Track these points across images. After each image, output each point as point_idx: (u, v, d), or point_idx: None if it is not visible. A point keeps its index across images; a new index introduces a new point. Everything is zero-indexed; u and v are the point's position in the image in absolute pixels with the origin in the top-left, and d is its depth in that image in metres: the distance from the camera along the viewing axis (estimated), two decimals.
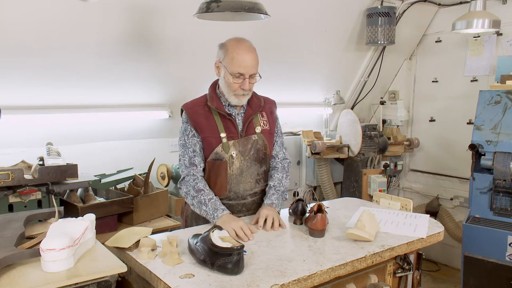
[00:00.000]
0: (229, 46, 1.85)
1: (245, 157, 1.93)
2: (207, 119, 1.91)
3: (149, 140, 3.02)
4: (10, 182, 1.95)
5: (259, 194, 2.03)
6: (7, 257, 1.22)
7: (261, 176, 2.00)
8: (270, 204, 1.91)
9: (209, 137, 1.90)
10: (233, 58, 1.81)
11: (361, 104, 4.15)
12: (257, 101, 2.00)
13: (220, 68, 1.90)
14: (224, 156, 1.90)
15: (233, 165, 1.91)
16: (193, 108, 1.95)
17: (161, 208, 2.71)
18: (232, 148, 1.90)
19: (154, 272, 1.36)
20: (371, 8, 3.43)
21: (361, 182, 3.63)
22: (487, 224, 2.69)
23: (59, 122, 2.60)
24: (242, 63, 1.81)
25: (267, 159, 2.01)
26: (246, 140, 1.93)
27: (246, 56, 1.82)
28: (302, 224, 1.85)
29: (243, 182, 1.95)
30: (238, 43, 1.85)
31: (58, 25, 2.28)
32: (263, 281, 1.30)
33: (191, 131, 1.92)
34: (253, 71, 1.85)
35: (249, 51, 1.84)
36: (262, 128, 1.98)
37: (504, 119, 2.72)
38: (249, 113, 1.96)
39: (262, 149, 1.97)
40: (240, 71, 1.81)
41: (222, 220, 1.75)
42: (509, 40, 3.42)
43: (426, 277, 3.71)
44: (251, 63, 1.83)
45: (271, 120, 2.04)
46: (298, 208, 1.86)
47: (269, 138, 2.01)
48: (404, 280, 1.80)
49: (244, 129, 1.94)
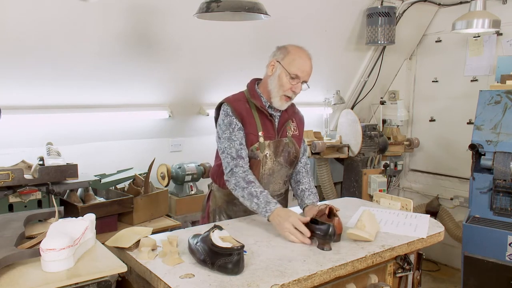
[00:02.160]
0: (290, 49, 1.91)
1: (277, 158, 1.97)
2: (248, 116, 1.93)
3: (149, 140, 3.02)
4: (10, 182, 1.94)
5: (283, 195, 2.12)
6: (7, 257, 1.22)
7: (288, 178, 2.08)
8: (312, 204, 1.94)
9: (250, 134, 1.92)
10: (294, 60, 1.87)
11: (361, 104, 4.15)
12: (292, 107, 2.06)
13: (275, 67, 1.91)
14: (258, 155, 1.93)
15: (266, 164, 1.95)
16: (236, 102, 1.95)
17: (161, 208, 2.71)
18: (267, 148, 1.94)
19: (154, 272, 1.36)
20: (371, 8, 3.43)
21: (361, 182, 3.63)
22: (487, 224, 2.69)
23: (59, 122, 2.60)
24: (302, 66, 1.88)
25: (295, 163, 2.07)
26: (279, 142, 1.98)
27: (306, 61, 1.90)
28: (331, 249, 1.54)
29: (273, 182, 2.00)
30: (300, 48, 1.93)
31: (58, 25, 2.28)
32: (263, 281, 1.30)
33: (236, 124, 1.90)
34: (307, 78, 1.92)
35: (309, 59, 1.92)
36: (293, 133, 2.04)
37: (504, 119, 2.72)
38: (285, 117, 2.02)
39: (293, 152, 2.02)
40: (298, 73, 1.87)
41: (276, 214, 1.69)
42: (509, 40, 3.42)
43: (426, 277, 3.71)
44: (309, 69, 1.91)
45: (300, 127, 2.11)
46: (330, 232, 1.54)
47: (298, 143, 2.07)
48: (404, 280, 1.80)
49: (280, 131, 1.99)
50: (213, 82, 3.09)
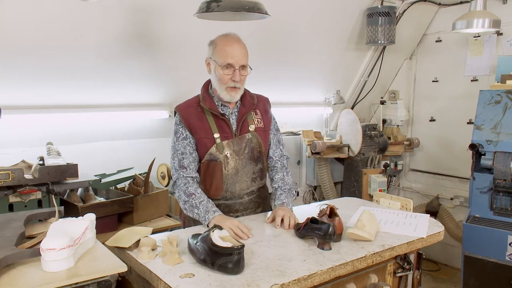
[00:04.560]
0: (216, 41, 1.89)
1: (239, 157, 1.92)
2: (201, 120, 1.91)
3: (149, 140, 3.02)
4: (10, 181, 1.95)
5: (256, 192, 2.03)
6: (8, 256, 1.22)
7: (257, 174, 2.00)
8: (281, 204, 1.92)
9: (203, 138, 1.90)
10: (221, 50, 1.84)
11: (361, 103, 4.15)
12: (250, 99, 2.00)
13: (210, 64, 1.91)
14: (218, 157, 1.90)
15: (228, 165, 1.91)
16: (186, 109, 1.95)
17: (161, 208, 2.71)
18: (226, 148, 1.90)
19: (154, 271, 1.36)
20: (371, 8, 3.43)
21: (361, 181, 3.63)
22: (487, 223, 2.69)
23: (59, 122, 2.60)
24: (230, 53, 1.83)
25: (262, 157, 2.00)
26: (240, 139, 1.93)
27: (234, 46, 1.85)
28: (331, 249, 1.55)
29: (239, 181, 1.95)
30: (225, 36, 1.89)
31: (58, 24, 2.28)
32: (263, 280, 1.30)
33: (182, 133, 1.92)
34: (243, 62, 1.86)
35: (236, 42, 1.87)
36: (256, 126, 1.98)
37: (504, 119, 2.72)
38: (242, 111, 1.96)
39: (257, 147, 1.96)
40: (229, 61, 1.83)
41: (215, 221, 1.74)
42: (509, 39, 3.42)
43: (426, 277, 3.71)
44: (240, 53, 1.85)
45: (266, 118, 2.03)
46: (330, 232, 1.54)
47: (263, 136, 2.00)
48: (404, 280, 1.80)
49: (238, 128, 1.94)
50: None
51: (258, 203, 2.04)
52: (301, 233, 1.66)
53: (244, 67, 1.87)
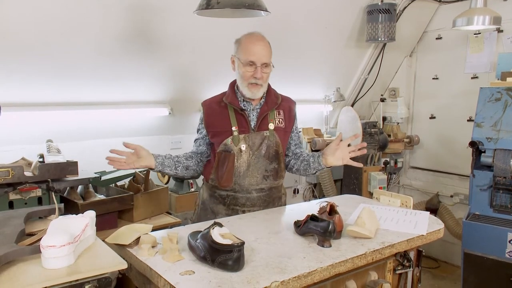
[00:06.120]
0: (241, 39, 1.96)
1: (254, 152, 1.96)
2: (222, 115, 1.98)
3: (149, 137, 3.02)
4: (10, 179, 1.95)
5: (266, 191, 2.03)
6: (8, 253, 1.22)
7: (269, 173, 2.01)
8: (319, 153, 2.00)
9: (221, 131, 1.96)
10: (244, 48, 1.91)
11: (361, 101, 4.15)
12: (274, 98, 2.04)
13: (235, 62, 1.98)
14: (232, 148, 1.94)
15: (241, 158, 1.95)
16: (210, 105, 2.05)
17: (161, 205, 2.71)
18: (242, 142, 1.94)
19: (155, 269, 1.36)
20: (372, 5, 3.42)
21: (361, 179, 3.63)
22: (487, 221, 2.69)
23: (59, 119, 2.60)
24: (252, 50, 1.89)
25: (279, 157, 2.02)
26: (257, 135, 1.97)
27: (256, 44, 1.91)
28: (331, 246, 1.55)
29: (249, 176, 1.97)
30: (250, 34, 1.95)
31: (58, 22, 2.28)
32: (263, 277, 1.30)
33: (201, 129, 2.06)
34: (265, 59, 1.91)
35: (259, 40, 1.93)
36: (276, 126, 2.01)
37: (504, 116, 2.71)
38: (264, 109, 2.00)
39: (274, 146, 1.99)
40: (251, 59, 1.89)
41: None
42: (510, 37, 3.42)
43: (426, 274, 3.72)
44: (262, 51, 1.90)
45: (288, 119, 2.07)
46: (330, 229, 1.53)
47: (283, 136, 2.03)
48: (404, 277, 1.80)
49: (257, 125, 1.97)
50: (213, 79, 3.08)
51: (267, 202, 2.04)
52: (301, 230, 1.66)
53: (266, 65, 1.92)
